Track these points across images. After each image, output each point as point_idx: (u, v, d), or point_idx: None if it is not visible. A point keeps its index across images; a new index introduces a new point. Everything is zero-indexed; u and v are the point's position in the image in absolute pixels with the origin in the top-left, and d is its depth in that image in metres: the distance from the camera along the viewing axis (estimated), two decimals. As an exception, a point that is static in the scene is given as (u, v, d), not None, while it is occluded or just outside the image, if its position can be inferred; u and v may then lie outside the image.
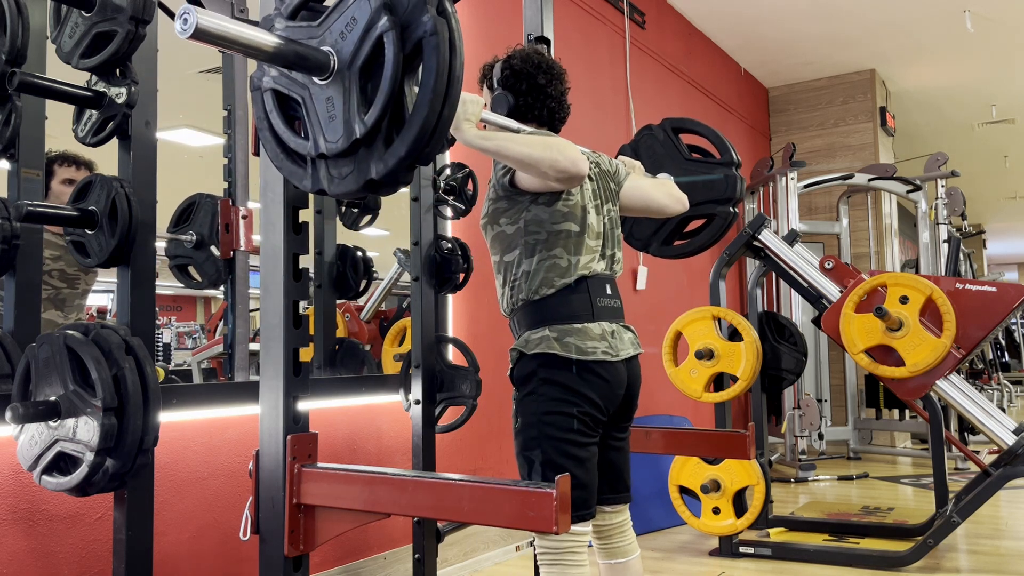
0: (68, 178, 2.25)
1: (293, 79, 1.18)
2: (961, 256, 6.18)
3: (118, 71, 1.69)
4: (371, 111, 1.09)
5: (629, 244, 2.64)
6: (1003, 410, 5.15)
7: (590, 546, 1.97)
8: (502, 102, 1.87)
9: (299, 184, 1.21)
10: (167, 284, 2.49)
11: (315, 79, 1.15)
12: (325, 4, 1.18)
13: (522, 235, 1.79)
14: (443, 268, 2.62)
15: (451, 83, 1.07)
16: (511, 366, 1.82)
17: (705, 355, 3.40)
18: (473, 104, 1.69)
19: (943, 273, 5.96)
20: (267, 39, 1.10)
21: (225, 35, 1.04)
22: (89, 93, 1.71)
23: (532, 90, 1.87)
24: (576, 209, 1.80)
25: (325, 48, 1.14)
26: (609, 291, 1.85)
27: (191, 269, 2.45)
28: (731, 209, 2.28)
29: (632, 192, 2.00)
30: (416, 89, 1.09)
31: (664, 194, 2.04)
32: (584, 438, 1.75)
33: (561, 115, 1.94)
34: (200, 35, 1.00)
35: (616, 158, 2.37)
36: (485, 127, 1.81)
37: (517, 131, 1.80)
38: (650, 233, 2.55)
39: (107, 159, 1.73)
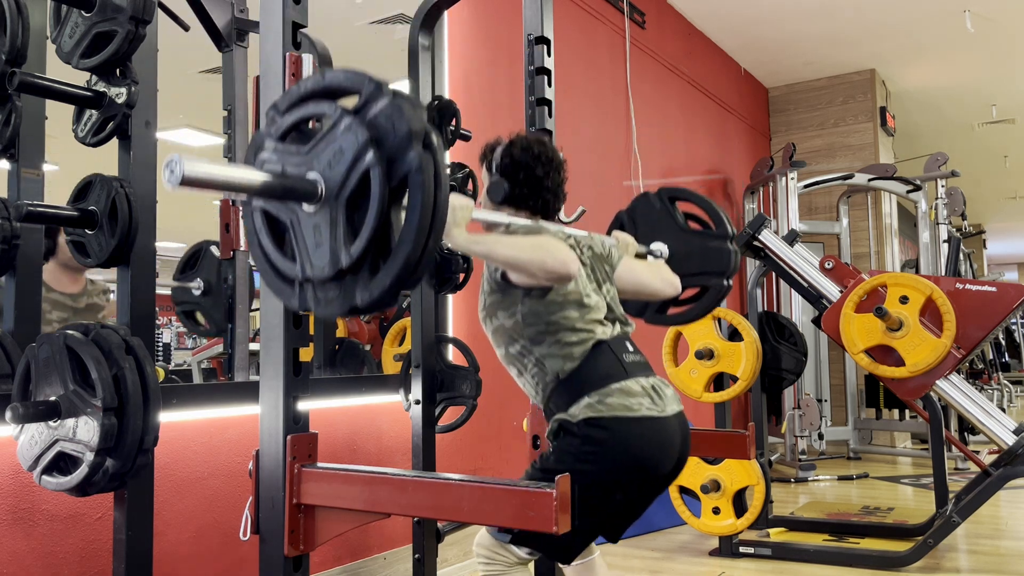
0: None
1: (282, 203, 1.20)
2: (961, 256, 6.18)
3: (118, 71, 1.69)
4: (357, 242, 1.11)
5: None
6: (1003, 410, 5.15)
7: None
8: (498, 189, 1.88)
9: (287, 303, 1.23)
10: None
11: (303, 205, 1.16)
12: (316, 127, 1.19)
13: (521, 327, 1.77)
14: (443, 268, 2.62)
15: (436, 217, 1.09)
16: (552, 430, 1.76)
17: (705, 355, 3.40)
18: (463, 210, 1.67)
19: (943, 273, 5.96)
20: (255, 177, 1.11)
21: (212, 179, 1.05)
22: (89, 93, 1.71)
23: (529, 181, 1.88)
24: (571, 296, 1.77)
25: (312, 175, 1.15)
26: (631, 348, 1.82)
27: (198, 315, 2.44)
28: (725, 282, 2.28)
29: (625, 275, 2.00)
30: (403, 213, 1.11)
31: (657, 278, 2.05)
32: (610, 501, 1.71)
33: (557, 205, 1.94)
34: (188, 182, 1.01)
35: (613, 225, 2.39)
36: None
37: (508, 225, 1.80)
38: (643, 303, 2.56)
39: (107, 159, 1.73)
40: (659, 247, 2.33)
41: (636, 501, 1.76)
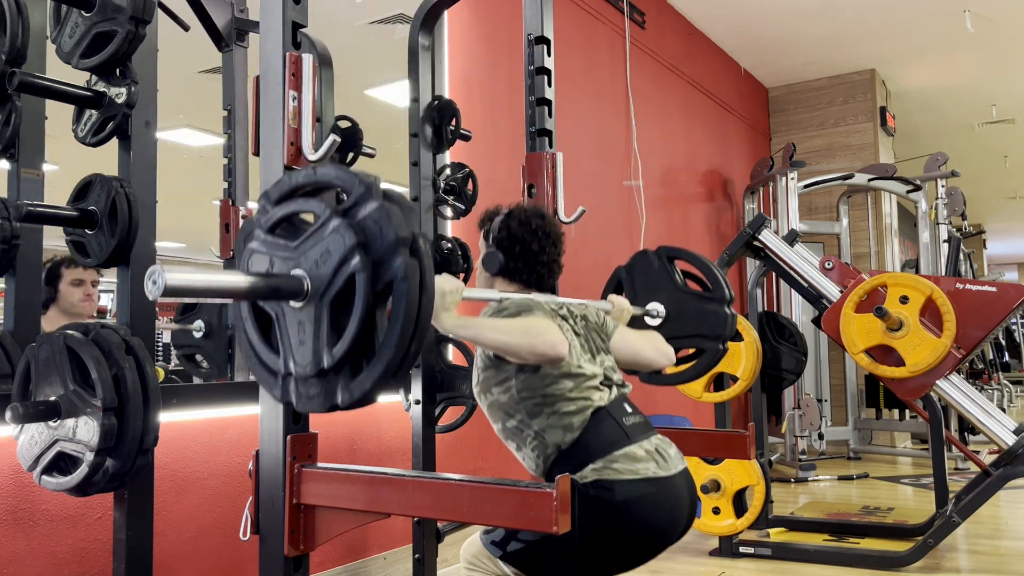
0: (77, 279, 2.30)
1: None
2: (961, 256, 6.18)
3: (118, 71, 1.69)
4: (339, 344, 1.12)
5: None
6: (1003, 410, 5.15)
7: None
8: (493, 261, 1.89)
9: (270, 393, 1.23)
10: (168, 328, 2.49)
11: (289, 301, 1.17)
12: (306, 220, 1.19)
13: (517, 401, 1.75)
14: (443, 268, 2.62)
15: (419, 323, 1.09)
16: None
17: (705, 355, 3.40)
18: (452, 294, 1.65)
19: (943, 273, 5.96)
20: (238, 281, 1.12)
21: (195, 287, 1.06)
22: (89, 93, 1.71)
23: (524, 255, 1.88)
24: (565, 368, 1.75)
25: (299, 272, 1.15)
26: (629, 409, 1.81)
27: (199, 358, 2.44)
28: (720, 346, 2.28)
29: (622, 345, 1.99)
30: (388, 315, 1.11)
31: (652, 348, 2.05)
32: (613, 561, 1.69)
33: (551, 279, 1.95)
34: (170, 293, 1.02)
35: (612, 278, 2.38)
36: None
37: (499, 300, 1.80)
38: None
39: (107, 159, 1.73)
40: (655, 307, 2.32)
41: (639, 560, 1.74)
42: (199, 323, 2.38)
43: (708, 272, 2.30)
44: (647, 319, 2.33)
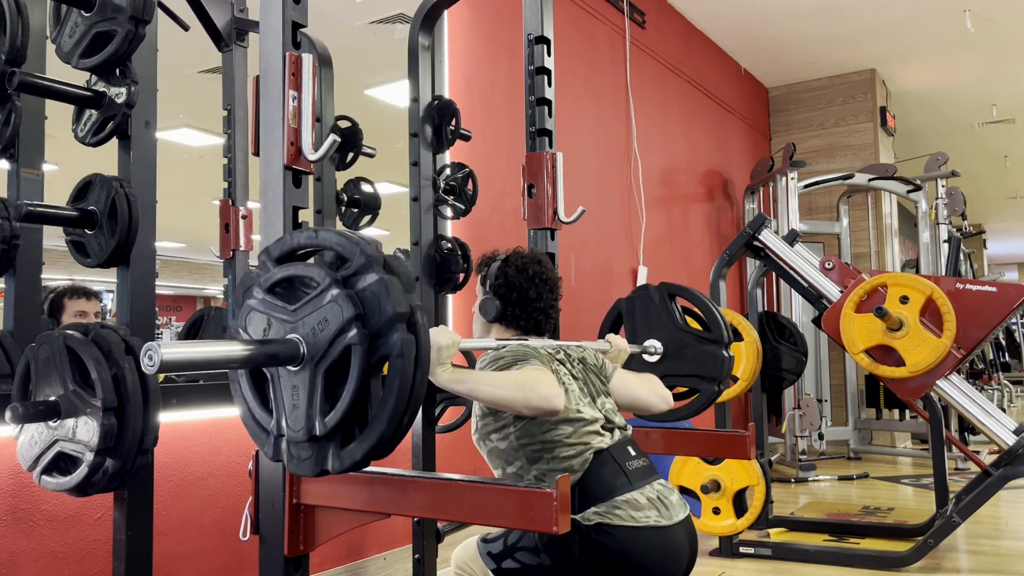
0: (80, 310, 2.31)
1: None
2: (961, 256, 6.18)
3: (118, 71, 1.69)
4: (332, 414, 1.12)
5: None
6: (1003, 410, 5.15)
7: None
8: (490, 308, 1.90)
9: (261, 449, 1.24)
10: (167, 284, 2.49)
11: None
12: (305, 283, 1.19)
13: (516, 448, 1.75)
14: (443, 268, 2.62)
15: (412, 397, 1.10)
16: None
17: (705, 355, 3.40)
18: (448, 348, 1.63)
19: (943, 273, 5.96)
20: (235, 352, 1.12)
21: (192, 361, 1.06)
22: (89, 93, 1.71)
23: (521, 302, 1.89)
24: (563, 414, 1.74)
25: (295, 337, 1.16)
26: (633, 452, 1.80)
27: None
28: (716, 388, 2.28)
29: (620, 387, 1.99)
30: (382, 383, 1.11)
31: (651, 392, 2.05)
32: None
33: (548, 325, 1.95)
34: (167, 368, 1.02)
35: (605, 325, 2.38)
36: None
37: (496, 348, 1.79)
38: None
39: (107, 159, 1.73)
40: (653, 344, 2.32)
41: None
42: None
43: (708, 313, 2.29)
44: (644, 356, 2.32)
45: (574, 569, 1.63)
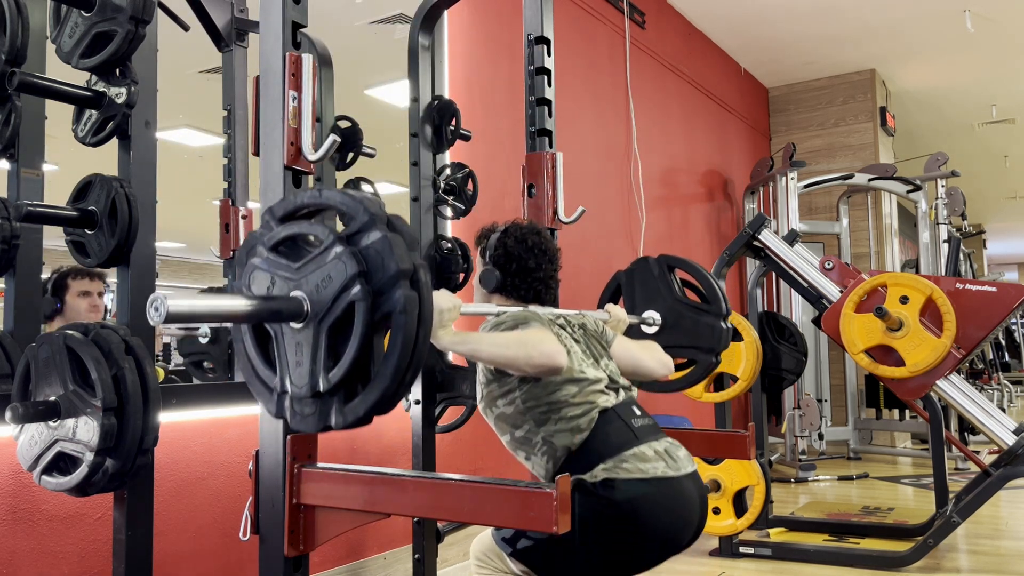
0: (83, 290, 2.30)
1: None
2: (961, 256, 6.18)
3: (118, 71, 1.69)
4: (336, 370, 1.13)
5: None
6: (1003, 410, 5.15)
7: None
8: (490, 278, 1.91)
9: (265, 407, 1.24)
10: (167, 284, 2.49)
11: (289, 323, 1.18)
12: (309, 240, 1.19)
13: (523, 411, 1.76)
14: (443, 268, 2.62)
15: (415, 355, 1.10)
16: None
17: (705, 355, 3.40)
18: (450, 311, 1.67)
19: (943, 273, 5.96)
20: (240, 305, 1.13)
21: (197, 313, 1.07)
22: (89, 93, 1.71)
23: (520, 272, 1.91)
24: (567, 374, 1.76)
25: (299, 294, 1.16)
26: (638, 412, 1.81)
27: (206, 364, 2.45)
28: (713, 359, 2.28)
29: (621, 354, 2.00)
30: (386, 340, 1.12)
31: (652, 358, 2.06)
32: (622, 564, 1.69)
33: (548, 295, 1.96)
34: (172, 319, 1.02)
35: (604, 296, 2.39)
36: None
37: (497, 315, 1.81)
38: None
39: (107, 159, 1.73)
40: (652, 315, 2.32)
41: (650, 563, 1.74)
42: (205, 329, 2.39)
43: (707, 284, 2.29)
44: (643, 327, 2.33)
45: (587, 530, 1.63)
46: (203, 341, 2.39)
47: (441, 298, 1.63)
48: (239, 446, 2.41)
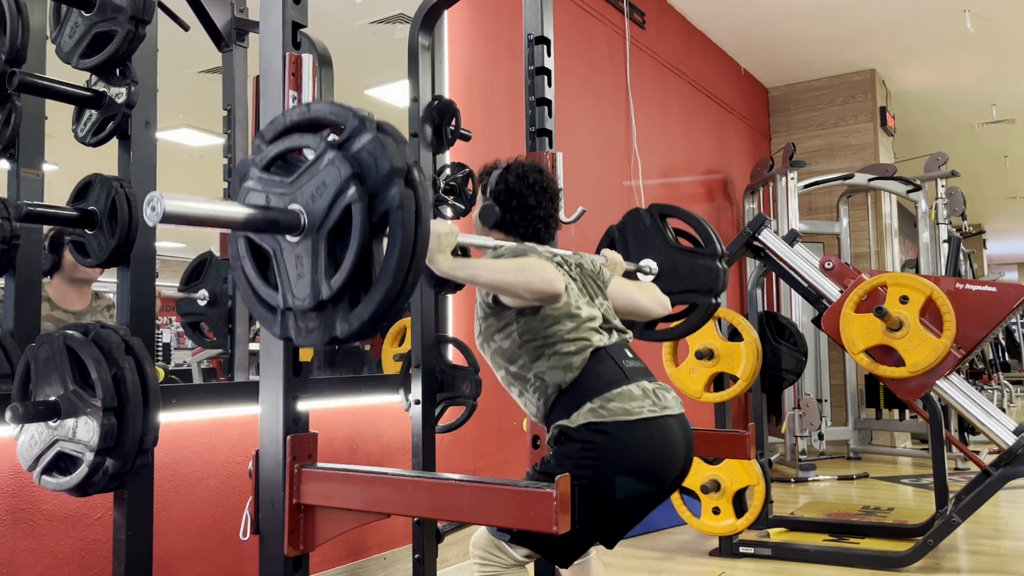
0: None
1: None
2: (961, 256, 6.18)
3: (118, 71, 1.69)
4: (337, 275, 1.12)
5: None
6: (1003, 410, 5.15)
7: None
8: (490, 214, 1.91)
9: (268, 330, 1.23)
10: (167, 284, 2.49)
11: (286, 236, 1.17)
12: (301, 158, 1.20)
13: (520, 346, 1.78)
14: (443, 268, 2.61)
15: (415, 253, 1.10)
16: (552, 436, 1.77)
17: (705, 355, 3.40)
18: (447, 236, 1.68)
19: (943, 273, 5.96)
20: (236, 212, 1.12)
21: (194, 215, 1.06)
22: (89, 93, 1.71)
23: (521, 209, 1.90)
24: (565, 308, 1.78)
25: (295, 207, 1.16)
26: (630, 354, 1.82)
27: (204, 327, 2.45)
28: (713, 300, 2.29)
29: (617, 293, 2.01)
30: (385, 246, 1.12)
31: (649, 297, 2.06)
32: (611, 506, 1.70)
33: (548, 234, 1.96)
34: (169, 219, 1.02)
35: (605, 238, 2.39)
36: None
37: (495, 248, 1.81)
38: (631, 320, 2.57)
39: (107, 159, 1.73)
40: (648, 264, 2.33)
41: (638, 507, 1.76)
42: (203, 292, 2.40)
43: (700, 228, 2.31)
44: (640, 276, 2.34)
45: (575, 477, 1.64)
46: (201, 304, 2.40)
47: (437, 224, 1.65)
48: (239, 446, 2.41)
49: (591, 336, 1.77)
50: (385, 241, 1.11)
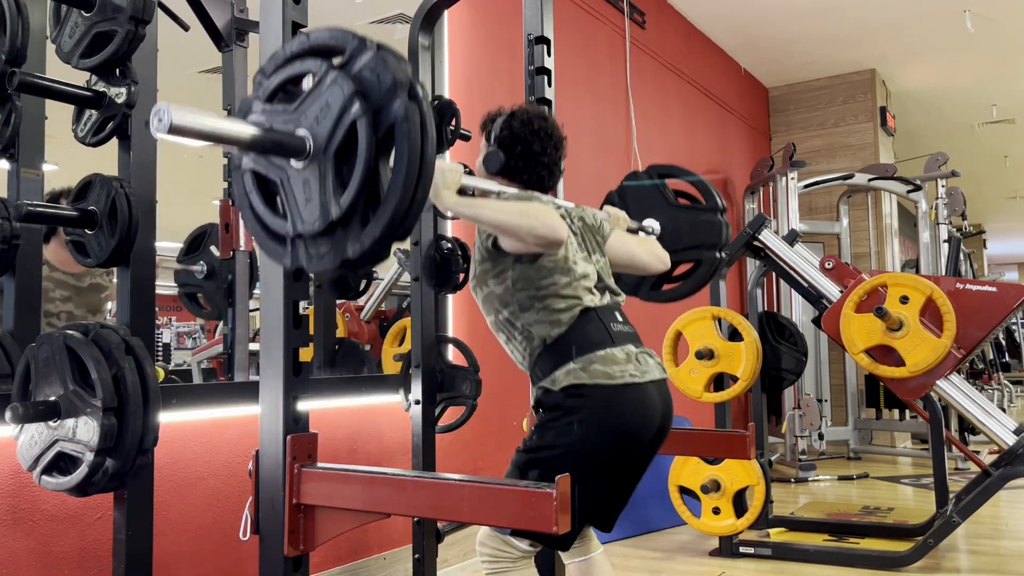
0: None
1: (271, 162, 1.20)
2: (961, 256, 6.18)
3: (118, 71, 1.69)
4: (346, 194, 1.12)
5: None
6: (1003, 410, 5.15)
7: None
8: (494, 160, 1.89)
9: (279, 262, 1.23)
10: (167, 284, 2.49)
11: (292, 162, 1.17)
12: (302, 87, 1.20)
13: (512, 293, 1.79)
14: (443, 268, 2.62)
15: (423, 166, 1.10)
16: (535, 399, 1.79)
17: (705, 355, 3.40)
18: (452, 172, 1.69)
19: (943, 273, 5.96)
20: (244, 130, 1.12)
21: (200, 129, 1.06)
22: (89, 93, 1.71)
23: (525, 155, 1.89)
24: (561, 262, 1.79)
25: (301, 132, 1.16)
26: (620, 318, 1.83)
27: (200, 298, 2.46)
28: (718, 255, 2.29)
29: (617, 247, 2.01)
30: (391, 170, 1.11)
31: (647, 252, 2.06)
32: (595, 472, 1.71)
33: (552, 182, 1.95)
34: (175, 131, 1.01)
35: (604, 204, 2.39)
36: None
37: (498, 194, 1.81)
38: (637, 280, 2.56)
39: (107, 159, 1.73)
40: (650, 223, 2.33)
41: (622, 473, 1.77)
42: (201, 264, 2.40)
43: (699, 185, 2.32)
44: (642, 235, 2.34)
45: (561, 449, 1.69)
46: (198, 276, 2.40)
47: (442, 161, 1.65)
48: (239, 446, 2.41)
49: (583, 295, 1.79)
50: (392, 162, 1.10)
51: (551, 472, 1.67)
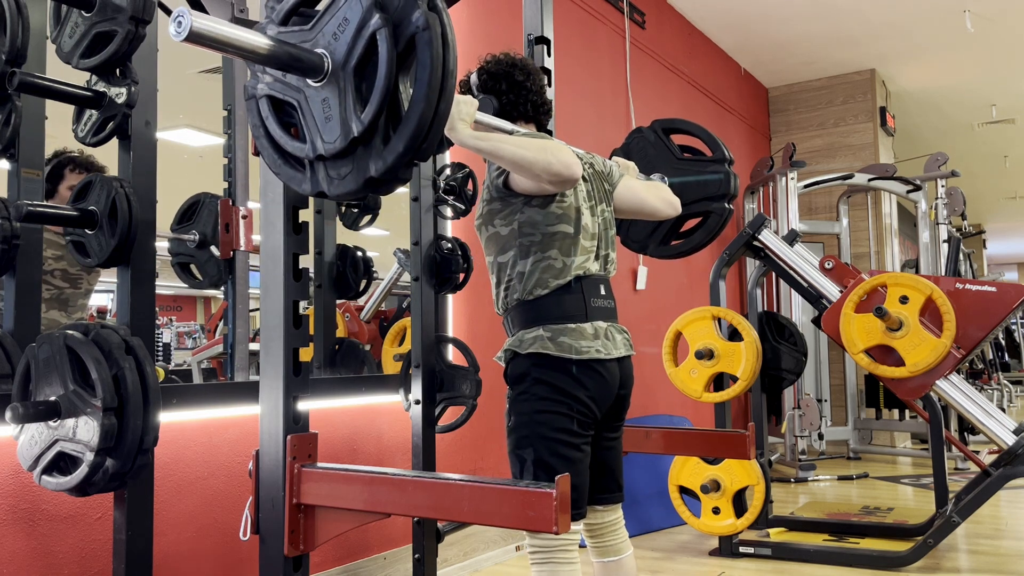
0: (72, 185, 2.24)
1: (287, 83, 1.18)
2: (961, 256, 6.18)
3: (118, 71, 1.69)
4: (367, 109, 1.10)
5: (626, 246, 2.64)
6: (1003, 410, 5.15)
7: (583, 545, 1.97)
8: (487, 106, 1.89)
9: (299, 188, 1.21)
10: (167, 284, 2.49)
11: (309, 82, 1.15)
12: (317, 9, 1.19)
13: (516, 236, 1.80)
14: (443, 268, 2.62)
15: (445, 77, 1.08)
16: (504, 365, 1.84)
17: (705, 355, 3.40)
18: (467, 104, 1.70)
19: (943, 273, 5.96)
20: (261, 41, 1.10)
21: (219, 37, 1.04)
22: (89, 93, 1.71)
23: (512, 88, 1.90)
24: (570, 211, 1.80)
25: (319, 50, 1.14)
26: (603, 292, 1.86)
27: (193, 268, 2.46)
28: (726, 205, 2.29)
29: (626, 194, 2.01)
30: (411, 87, 1.09)
31: (657, 197, 2.06)
32: (576, 439, 1.75)
33: (545, 108, 1.96)
34: (194, 38, 1.00)
35: (610, 159, 2.38)
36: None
37: (511, 132, 1.82)
38: (647, 235, 2.56)
39: (107, 159, 1.74)
40: (657, 177, 2.33)
41: (598, 420, 1.81)
42: (194, 233, 2.41)
43: (706, 137, 2.32)
44: (653, 179, 2.33)
45: (541, 416, 1.75)
46: (191, 245, 2.41)
47: (457, 95, 1.66)
48: (239, 446, 2.41)
49: (579, 257, 1.81)
50: (412, 79, 1.08)
51: (538, 441, 1.73)
